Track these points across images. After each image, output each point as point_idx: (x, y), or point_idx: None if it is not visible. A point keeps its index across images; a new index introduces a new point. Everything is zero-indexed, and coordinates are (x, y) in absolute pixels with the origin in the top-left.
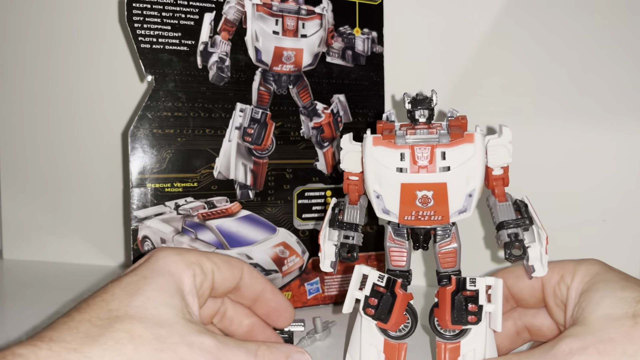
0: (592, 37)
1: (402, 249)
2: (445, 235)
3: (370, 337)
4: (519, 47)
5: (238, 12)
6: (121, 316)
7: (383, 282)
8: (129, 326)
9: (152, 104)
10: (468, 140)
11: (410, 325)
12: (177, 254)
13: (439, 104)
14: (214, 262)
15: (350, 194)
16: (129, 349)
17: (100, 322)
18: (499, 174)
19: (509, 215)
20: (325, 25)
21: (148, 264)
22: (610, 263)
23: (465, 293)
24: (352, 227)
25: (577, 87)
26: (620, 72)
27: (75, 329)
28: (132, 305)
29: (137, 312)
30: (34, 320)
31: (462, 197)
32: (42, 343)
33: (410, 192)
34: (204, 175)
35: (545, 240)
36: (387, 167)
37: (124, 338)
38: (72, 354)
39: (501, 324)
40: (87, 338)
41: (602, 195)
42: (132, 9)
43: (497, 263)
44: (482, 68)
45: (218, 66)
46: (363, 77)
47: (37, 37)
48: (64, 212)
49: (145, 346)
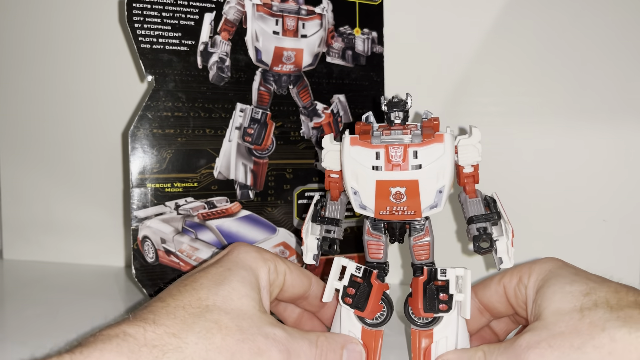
0: (593, 37)
1: (379, 242)
2: (419, 229)
3: (349, 324)
4: (519, 47)
5: (238, 12)
6: (210, 306)
7: (360, 273)
8: (217, 317)
9: (152, 104)
10: (438, 140)
11: (386, 314)
12: (256, 251)
13: (438, 105)
14: (288, 266)
15: (331, 190)
16: (217, 338)
17: (192, 310)
18: (470, 171)
19: (479, 211)
20: (326, 26)
21: (230, 257)
22: (610, 263)
23: (437, 283)
24: (333, 222)
25: (578, 87)
26: (620, 72)
27: (172, 315)
28: (219, 294)
29: (223, 303)
30: (34, 320)
31: (432, 193)
32: (147, 325)
33: (384, 189)
34: (204, 176)
35: (511, 233)
36: (363, 165)
37: (214, 328)
38: (172, 338)
39: (469, 312)
40: (184, 325)
41: (602, 194)
42: (132, 9)
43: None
44: (482, 68)
45: (218, 66)
46: (363, 77)
47: (37, 37)
48: (64, 212)
49: (230, 336)
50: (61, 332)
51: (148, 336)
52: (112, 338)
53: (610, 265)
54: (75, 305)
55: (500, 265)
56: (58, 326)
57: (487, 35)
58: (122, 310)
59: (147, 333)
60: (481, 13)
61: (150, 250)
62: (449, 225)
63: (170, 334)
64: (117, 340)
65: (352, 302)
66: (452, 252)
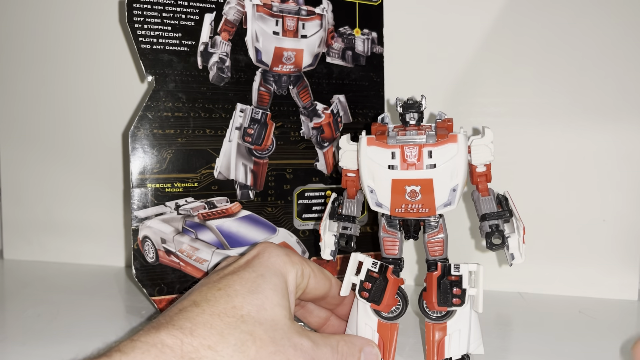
0: (593, 37)
1: (395, 239)
2: (434, 227)
3: (365, 318)
4: (519, 47)
5: (238, 12)
6: (245, 316)
7: (376, 268)
8: (252, 328)
9: (152, 104)
10: (452, 140)
11: (401, 308)
12: (286, 254)
13: (438, 105)
14: (312, 268)
15: (348, 189)
16: (252, 351)
17: (228, 320)
18: (482, 170)
19: (491, 208)
20: (325, 26)
21: (262, 260)
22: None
23: (450, 278)
24: (350, 219)
25: (578, 87)
26: (621, 73)
27: (209, 325)
28: (254, 303)
29: (257, 313)
30: (34, 320)
31: (446, 191)
32: (184, 336)
33: (400, 187)
34: (204, 176)
35: (522, 230)
36: (379, 165)
37: (249, 340)
38: (208, 351)
39: (482, 307)
40: (220, 337)
41: (602, 194)
42: (132, 9)
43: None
44: (482, 68)
45: (218, 66)
46: (363, 77)
47: (38, 38)
48: (64, 212)
49: (264, 349)
50: (61, 332)
51: (185, 349)
52: (151, 348)
53: (611, 266)
54: (76, 305)
55: (512, 261)
56: (58, 326)
57: (487, 35)
58: (122, 310)
59: (184, 345)
60: (481, 13)
61: (150, 250)
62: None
63: (206, 346)
64: (155, 350)
65: (369, 296)
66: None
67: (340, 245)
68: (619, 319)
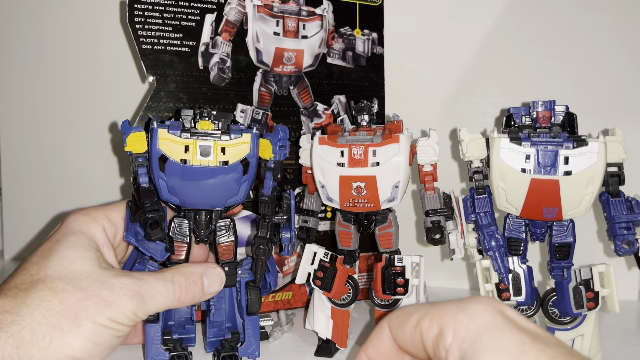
0: (594, 37)
1: (349, 232)
2: (383, 221)
3: (321, 304)
4: (519, 47)
5: (239, 13)
6: (42, 278)
7: (328, 258)
8: (50, 284)
9: (153, 104)
10: (394, 140)
11: (352, 295)
12: (85, 213)
13: (438, 105)
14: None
15: (308, 185)
16: (55, 303)
17: (24, 286)
18: (429, 170)
19: (435, 205)
20: (326, 27)
21: (60, 229)
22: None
23: (395, 268)
24: (310, 213)
25: (578, 88)
26: (621, 73)
27: (4, 295)
28: (49, 266)
29: (55, 272)
30: None
31: (389, 187)
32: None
33: (347, 183)
34: None
35: (460, 227)
36: (329, 162)
37: (49, 295)
38: (5, 315)
39: (424, 297)
40: (16, 300)
41: None
42: (133, 10)
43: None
44: (482, 69)
45: (219, 67)
46: (363, 78)
47: (38, 38)
48: (64, 212)
49: (69, 298)
50: None
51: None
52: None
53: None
54: None
55: (452, 255)
56: None
57: (487, 36)
58: None
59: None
60: (481, 14)
61: None
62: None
63: (3, 312)
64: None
65: (321, 284)
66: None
67: (299, 238)
68: (619, 319)
